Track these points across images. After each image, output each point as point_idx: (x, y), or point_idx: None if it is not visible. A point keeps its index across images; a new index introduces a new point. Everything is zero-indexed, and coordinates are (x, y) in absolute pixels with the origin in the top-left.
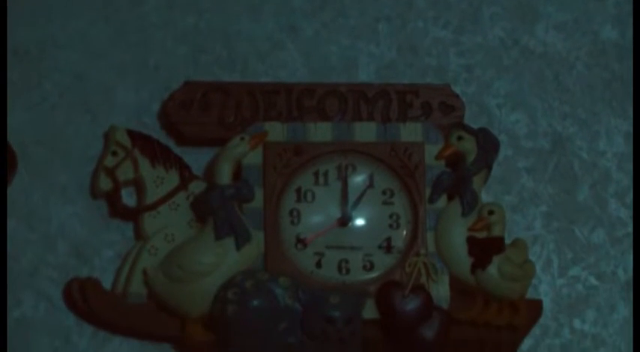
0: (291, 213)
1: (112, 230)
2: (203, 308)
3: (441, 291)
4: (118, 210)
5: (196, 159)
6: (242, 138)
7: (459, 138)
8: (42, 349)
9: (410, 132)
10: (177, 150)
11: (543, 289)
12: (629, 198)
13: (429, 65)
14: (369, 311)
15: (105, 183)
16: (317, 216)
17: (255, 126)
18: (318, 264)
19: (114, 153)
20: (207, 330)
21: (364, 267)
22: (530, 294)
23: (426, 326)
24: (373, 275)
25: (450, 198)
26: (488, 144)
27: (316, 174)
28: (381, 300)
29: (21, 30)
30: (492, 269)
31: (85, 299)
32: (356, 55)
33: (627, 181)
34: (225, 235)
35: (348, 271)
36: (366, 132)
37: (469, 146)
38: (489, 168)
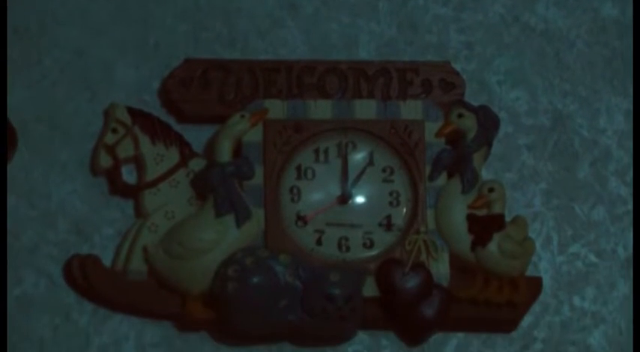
0: (291, 190)
1: (112, 207)
2: (203, 285)
3: (441, 269)
4: (118, 187)
5: (196, 136)
6: (242, 116)
7: (459, 115)
8: (42, 326)
9: (410, 109)
10: (177, 127)
11: (543, 266)
12: (630, 176)
13: (429, 42)
14: (369, 289)
15: (105, 161)
16: (317, 194)
17: (255, 104)
18: (319, 242)
19: (114, 131)
20: (208, 307)
21: (364, 245)
22: (529, 272)
23: (426, 303)
24: (373, 252)
25: (450, 175)
26: (488, 121)
27: (316, 151)
28: (381, 278)
29: (21, 7)
30: (492, 246)
31: (85, 277)
32: (356, 33)
33: (627, 159)
34: (226, 212)
35: (348, 249)
36: (366, 109)
37: (469, 123)
38: (489, 145)
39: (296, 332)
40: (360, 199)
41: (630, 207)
